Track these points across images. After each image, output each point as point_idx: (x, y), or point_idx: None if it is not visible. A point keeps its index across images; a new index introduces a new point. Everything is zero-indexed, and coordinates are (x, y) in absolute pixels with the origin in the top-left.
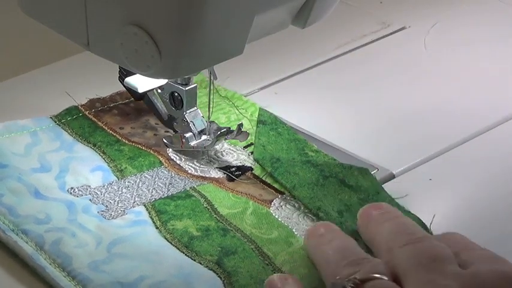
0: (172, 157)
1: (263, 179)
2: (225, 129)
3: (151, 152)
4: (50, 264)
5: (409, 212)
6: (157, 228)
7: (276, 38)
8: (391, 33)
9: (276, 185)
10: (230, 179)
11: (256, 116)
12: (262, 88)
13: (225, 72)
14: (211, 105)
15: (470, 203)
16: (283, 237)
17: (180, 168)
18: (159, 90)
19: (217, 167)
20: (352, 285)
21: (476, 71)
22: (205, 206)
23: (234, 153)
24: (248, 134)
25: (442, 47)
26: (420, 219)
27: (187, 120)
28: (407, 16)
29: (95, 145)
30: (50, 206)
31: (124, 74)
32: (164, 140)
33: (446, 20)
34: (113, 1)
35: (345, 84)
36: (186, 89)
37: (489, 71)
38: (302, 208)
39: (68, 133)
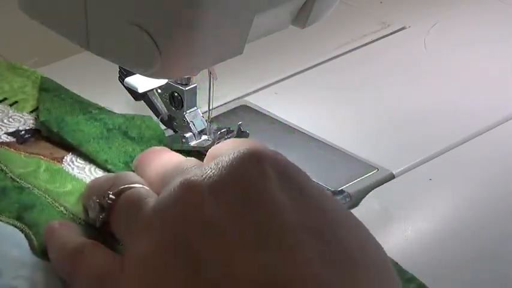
0: None
1: (52, 139)
2: (225, 130)
3: None
4: None
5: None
6: None
7: (276, 38)
8: (391, 33)
9: (65, 143)
10: (20, 143)
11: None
12: (262, 88)
13: (225, 72)
14: (211, 105)
15: (470, 203)
16: (78, 189)
17: None
18: (159, 90)
19: (6, 133)
20: (108, 201)
21: (476, 71)
22: None
23: (22, 119)
24: (248, 134)
25: (442, 47)
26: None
27: (187, 120)
28: (407, 16)
29: None
30: None
31: (124, 74)
32: None
33: (446, 20)
34: (113, 1)
35: (345, 84)
36: (186, 89)
37: (489, 71)
38: (92, 162)
39: None
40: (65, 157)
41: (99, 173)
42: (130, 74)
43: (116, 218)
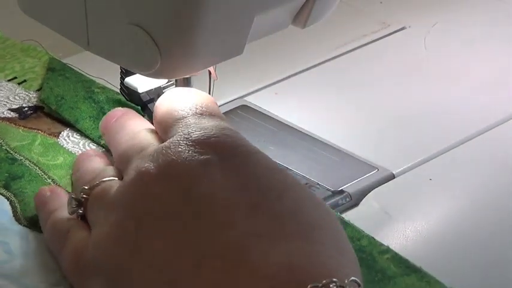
0: None
1: (53, 115)
2: None
3: None
4: None
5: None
6: None
7: (276, 38)
8: (391, 33)
9: (63, 120)
10: (22, 118)
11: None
12: (262, 88)
13: (225, 72)
14: None
15: (470, 203)
16: (68, 163)
17: None
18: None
19: (9, 109)
20: (84, 196)
21: (476, 71)
22: None
23: (27, 97)
24: None
25: (442, 47)
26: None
27: None
28: (407, 16)
29: None
30: None
31: (124, 74)
32: None
33: (446, 20)
34: (113, 1)
35: (345, 84)
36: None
37: (489, 71)
38: (87, 138)
39: None
40: (62, 132)
41: (92, 147)
42: (130, 74)
43: (88, 211)
